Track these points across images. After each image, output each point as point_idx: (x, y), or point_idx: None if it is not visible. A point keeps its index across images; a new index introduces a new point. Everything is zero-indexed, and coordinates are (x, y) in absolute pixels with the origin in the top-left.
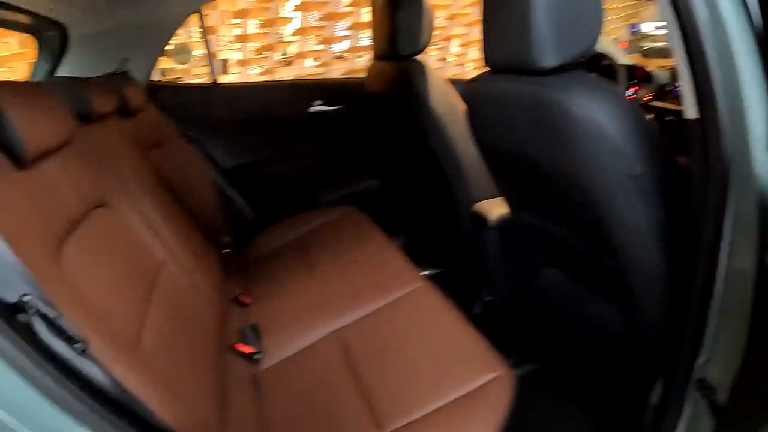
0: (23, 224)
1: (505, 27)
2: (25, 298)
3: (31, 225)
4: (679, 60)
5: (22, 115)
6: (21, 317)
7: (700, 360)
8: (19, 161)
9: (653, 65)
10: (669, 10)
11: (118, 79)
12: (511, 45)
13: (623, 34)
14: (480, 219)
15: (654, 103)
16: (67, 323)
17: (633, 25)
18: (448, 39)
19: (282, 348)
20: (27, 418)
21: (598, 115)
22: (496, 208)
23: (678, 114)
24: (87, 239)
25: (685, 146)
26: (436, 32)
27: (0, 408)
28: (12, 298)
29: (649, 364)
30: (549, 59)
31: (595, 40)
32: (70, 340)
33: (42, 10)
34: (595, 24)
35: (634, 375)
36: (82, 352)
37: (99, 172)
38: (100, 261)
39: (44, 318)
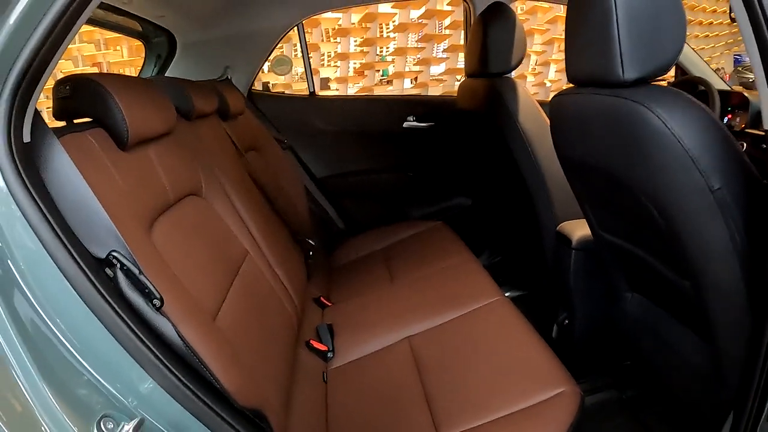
0: (120, 196)
1: (587, 40)
2: (114, 254)
3: (127, 198)
4: (756, 71)
5: (129, 104)
6: (108, 271)
7: None
8: (122, 143)
9: (754, 96)
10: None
11: (220, 84)
12: (592, 58)
13: (727, 63)
14: (564, 239)
15: (749, 130)
16: (148, 281)
17: (738, 56)
18: (545, 64)
19: (353, 349)
20: (102, 363)
21: (674, 127)
22: (580, 229)
23: None
24: (177, 220)
25: None
26: (533, 57)
27: (80, 351)
28: (102, 253)
29: (722, 397)
30: (629, 71)
31: (677, 54)
32: (148, 295)
33: (152, 18)
34: (676, 37)
35: (706, 408)
36: (158, 309)
37: (194, 164)
38: (188, 241)
39: (127, 273)
